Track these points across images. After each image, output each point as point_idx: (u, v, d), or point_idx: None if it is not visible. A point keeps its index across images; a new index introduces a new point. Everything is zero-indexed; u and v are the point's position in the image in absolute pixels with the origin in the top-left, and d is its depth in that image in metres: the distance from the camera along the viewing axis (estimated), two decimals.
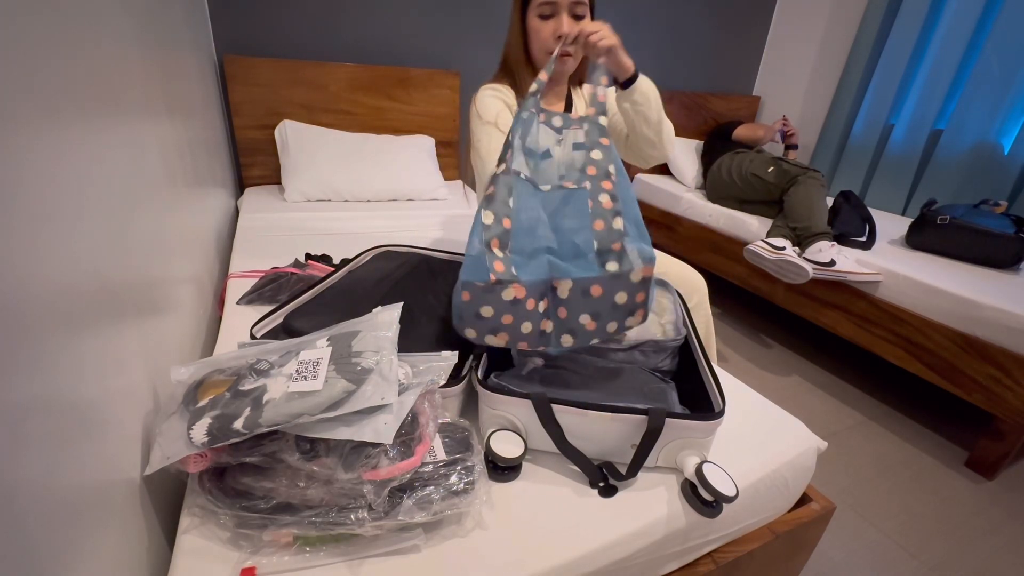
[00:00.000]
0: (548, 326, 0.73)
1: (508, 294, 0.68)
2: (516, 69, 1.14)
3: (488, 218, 0.73)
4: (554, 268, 0.71)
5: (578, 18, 1.05)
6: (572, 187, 0.77)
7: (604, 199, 0.75)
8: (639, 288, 0.72)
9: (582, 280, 0.70)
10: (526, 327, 0.71)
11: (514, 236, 0.73)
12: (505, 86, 1.16)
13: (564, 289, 0.71)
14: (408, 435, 0.58)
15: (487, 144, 1.10)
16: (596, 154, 0.80)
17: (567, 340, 0.74)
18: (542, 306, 0.72)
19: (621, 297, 0.72)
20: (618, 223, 0.73)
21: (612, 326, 0.74)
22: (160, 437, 0.56)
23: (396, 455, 0.55)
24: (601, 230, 0.73)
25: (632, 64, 1.03)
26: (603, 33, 0.95)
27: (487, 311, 0.69)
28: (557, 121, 0.86)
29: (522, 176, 0.77)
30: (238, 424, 0.53)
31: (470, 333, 0.72)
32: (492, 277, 0.67)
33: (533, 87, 0.87)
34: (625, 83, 1.05)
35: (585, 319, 0.73)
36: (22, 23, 0.44)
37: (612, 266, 0.71)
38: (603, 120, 0.84)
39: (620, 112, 1.13)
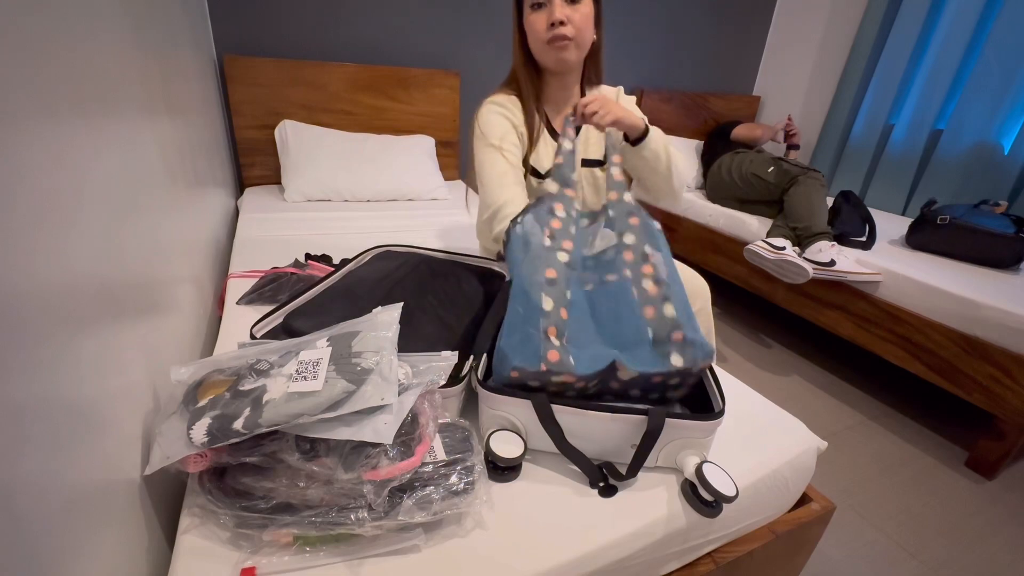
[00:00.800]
0: (592, 388, 0.72)
1: (558, 379, 0.68)
2: (517, 71, 1.11)
3: (548, 304, 0.70)
4: (619, 359, 0.69)
5: (573, 2, 1.00)
6: (614, 280, 0.76)
7: (648, 285, 0.74)
8: (695, 377, 0.73)
9: (649, 372, 0.69)
10: (570, 393, 0.71)
11: (569, 327, 0.71)
12: (510, 96, 1.12)
13: (626, 373, 0.70)
14: (408, 435, 0.58)
15: (491, 171, 1.06)
16: (628, 238, 0.79)
17: (607, 399, 0.74)
18: (592, 384, 0.71)
19: (676, 380, 0.72)
20: (669, 310, 0.72)
21: (655, 395, 0.75)
22: (160, 437, 0.56)
23: (396, 455, 0.55)
24: (652, 317, 0.72)
25: (642, 121, 1.00)
26: (599, 108, 0.93)
27: (535, 383, 0.69)
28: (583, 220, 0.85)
29: (575, 270, 0.76)
30: (238, 424, 0.53)
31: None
32: (543, 367, 0.66)
33: (559, 159, 0.85)
34: (636, 140, 1.01)
35: (635, 392, 0.74)
36: (20, 22, 0.44)
37: (677, 360, 0.70)
38: (627, 196, 0.83)
39: (628, 166, 1.09)
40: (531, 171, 1.12)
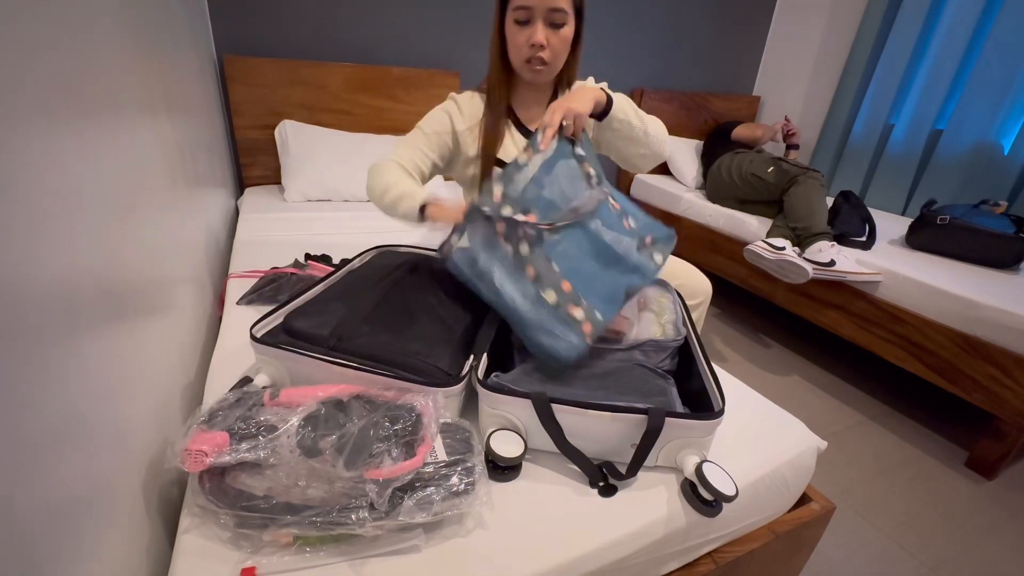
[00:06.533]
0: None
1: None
2: (493, 72, 1.11)
3: (551, 297, 0.77)
4: (628, 287, 0.83)
5: (556, 26, 0.98)
6: (585, 208, 0.81)
7: (611, 201, 0.85)
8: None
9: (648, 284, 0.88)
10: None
11: (584, 294, 0.78)
12: (474, 95, 1.14)
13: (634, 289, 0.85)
14: (411, 435, 0.58)
15: (405, 144, 1.10)
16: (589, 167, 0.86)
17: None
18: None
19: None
20: (631, 221, 0.86)
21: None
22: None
23: (399, 455, 0.55)
24: (629, 228, 0.85)
25: (602, 96, 0.95)
26: (566, 114, 0.86)
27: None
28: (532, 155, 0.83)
29: (551, 237, 0.79)
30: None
31: None
32: (588, 341, 0.76)
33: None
34: (600, 115, 0.97)
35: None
36: (19, 21, 0.44)
37: (659, 257, 0.87)
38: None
39: (605, 148, 1.11)
40: (496, 162, 1.12)
